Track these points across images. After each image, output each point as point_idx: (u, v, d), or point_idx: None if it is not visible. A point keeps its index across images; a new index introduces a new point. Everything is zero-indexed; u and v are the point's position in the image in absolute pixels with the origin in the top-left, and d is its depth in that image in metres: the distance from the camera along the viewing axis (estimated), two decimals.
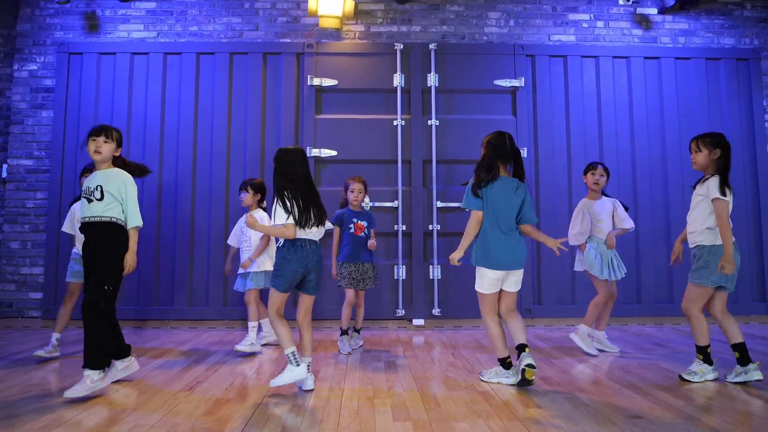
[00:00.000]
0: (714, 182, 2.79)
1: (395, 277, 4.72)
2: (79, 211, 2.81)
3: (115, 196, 2.69)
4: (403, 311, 4.68)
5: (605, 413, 2.29)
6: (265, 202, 3.94)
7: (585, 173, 3.67)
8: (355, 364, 3.30)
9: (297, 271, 2.67)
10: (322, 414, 2.32)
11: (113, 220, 2.68)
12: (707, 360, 2.80)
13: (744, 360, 2.74)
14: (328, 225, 2.90)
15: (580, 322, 4.81)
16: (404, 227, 4.75)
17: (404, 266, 4.73)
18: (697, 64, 5.03)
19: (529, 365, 2.60)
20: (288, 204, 2.69)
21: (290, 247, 2.69)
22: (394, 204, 4.77)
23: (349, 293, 3.63)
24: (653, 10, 5.11)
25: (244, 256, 3.80)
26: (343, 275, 3.63)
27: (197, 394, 2.63)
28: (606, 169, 3.63)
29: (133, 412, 2.35)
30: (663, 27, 5.12)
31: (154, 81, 4.93)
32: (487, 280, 2.76)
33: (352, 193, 3.69)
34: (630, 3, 5.00)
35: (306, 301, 2.77)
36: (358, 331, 3.83)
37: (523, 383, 2.63)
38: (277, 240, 3.03)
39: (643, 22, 5.13)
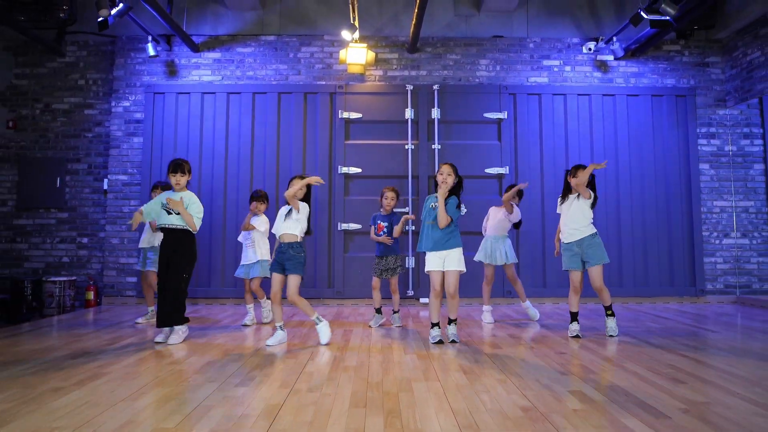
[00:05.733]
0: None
1: (406, 266, 5.83)
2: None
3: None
4: (413, 292, 5.80)
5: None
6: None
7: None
8: (378, 329, 4.42)
9: None
10: (358, 350, 3.44)
11: (186, 228, 3.77)
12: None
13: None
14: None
15: (550, 301, 5.90)
16: (413, 228, 5.85)
17: (413, 257, 5.84)
18: (645, 100, 6.06)
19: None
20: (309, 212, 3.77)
21: (303, 243, 3.74)
22: (406, 210, 5.87)
23: (374, 281, 4.36)
24: (610, 57, 6.15)
25: (248, 252, 4.56)
26: (374, 267, 4.40)
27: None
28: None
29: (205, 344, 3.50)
30: (618, 70, 6.16)
31: (219, 115, 6.09)
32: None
33: (386, 200, 4.38)
34: (592, 51, 6.03)
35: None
36: (396, 312, 4.41)
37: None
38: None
39: (602, 66, 6.17)
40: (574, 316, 3.91)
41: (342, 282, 5.84)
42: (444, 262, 3.66)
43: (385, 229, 4.36)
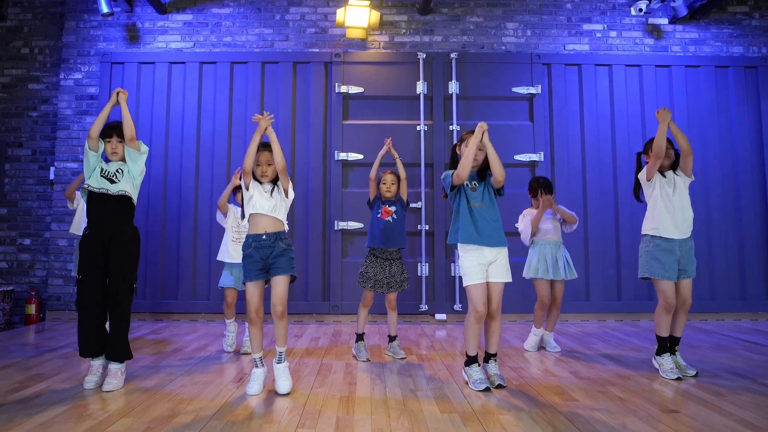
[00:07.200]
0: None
1: (419, 274, 4.70)
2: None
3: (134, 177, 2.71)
4: (426, 306, 4.67)
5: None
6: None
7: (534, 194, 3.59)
8: (391, 364, 3.29)
9: None
10: (371, 404, 2.31)
11: (132, 199, 2.69)
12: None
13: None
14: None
15: (594, 317, 4.79)
16: (427, 227, 4.73)
17: (427, 264, 4.72)
18: (707, 72, 4.97)
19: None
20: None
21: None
22: (418, 205, 4.75)
23: (368, 295, 3.26)
24: (664, 20, 5.05)
25: (232, 246, 3.43)
26: (366, 275, 3.24)
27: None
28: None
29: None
30: (674, 36, 5.06)
31: (190, 89, 4.94)
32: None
33: (384, 185, 3.31)
34: (642, 14, 4.94)
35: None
36: (393, 338, 3.35)
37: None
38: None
39: (655, 31, 5.07)
40: (665, 347, 2.79)
41: (339, 294, 4.70)
42: (488, 270, 2.58)
43: (394, 215, 3.29)
